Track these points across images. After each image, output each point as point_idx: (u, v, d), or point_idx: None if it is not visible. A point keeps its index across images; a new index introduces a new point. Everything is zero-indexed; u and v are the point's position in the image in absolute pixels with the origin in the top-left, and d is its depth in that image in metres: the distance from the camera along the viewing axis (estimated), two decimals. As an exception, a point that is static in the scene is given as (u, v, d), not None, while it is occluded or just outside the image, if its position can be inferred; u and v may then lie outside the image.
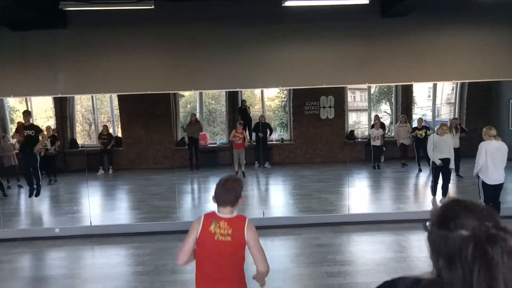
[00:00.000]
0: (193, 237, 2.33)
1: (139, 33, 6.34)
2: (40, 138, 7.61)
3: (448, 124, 9.89)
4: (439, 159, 6.83)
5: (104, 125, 11.50)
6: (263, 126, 10.94)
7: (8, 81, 6.33)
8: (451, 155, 6.86)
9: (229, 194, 2.32)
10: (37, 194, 7.81)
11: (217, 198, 2.35)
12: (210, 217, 2.34)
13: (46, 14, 5.91)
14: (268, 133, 11.40)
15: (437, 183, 6.93)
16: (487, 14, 6.35)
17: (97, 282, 4.65)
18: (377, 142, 10.87)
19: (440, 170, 6.87)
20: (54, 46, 6.26)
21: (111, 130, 11.78)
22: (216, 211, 2.36)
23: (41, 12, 5.83)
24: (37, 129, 7.72)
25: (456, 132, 9.17)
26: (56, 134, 10.82)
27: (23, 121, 7.71)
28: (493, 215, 1.02)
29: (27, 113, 7.80)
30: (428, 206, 7.02)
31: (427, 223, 1.10)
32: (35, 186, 7.77)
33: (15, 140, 7.94)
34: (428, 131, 10.39)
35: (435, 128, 12.11)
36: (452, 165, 6.92)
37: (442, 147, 6.85)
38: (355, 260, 5.09)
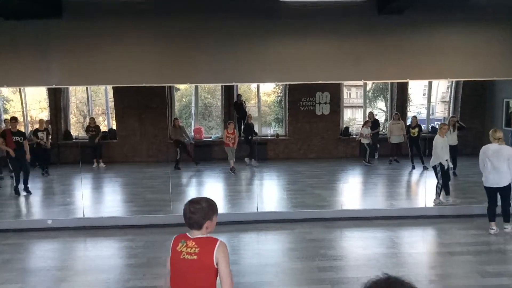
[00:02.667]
0: (169, 259, 2.29)
1: (135, 25, 6.29)
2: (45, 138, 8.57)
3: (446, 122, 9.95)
4: (446, 160, 6.85)
5: (91, 118, 11.42)
6: (252, 126, 10.97)
7: (1, 71, 6.26)
8: (448, 155, 6.90)
9: (194, 217, 2.21)
10: (28, 191, 8.14)
11: (186, 224, 2.26)
12: (180, 237, 2.29)
13: (40, 3, 5.84)
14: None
15: (448, 181, 6.98)
16: (482, 13, 6.37)
17: (90, 274, 4.66)
18: (364, 140, 10.97)
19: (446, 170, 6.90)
20: (48, 36, 6.19)
21: (105, 122, 11.71)
22: (187, 233, 2.30)
23: (35, 1, 5.76)
24: (24, 135, 8.24)
25: (454, 130, 9.22)
26: (49, 126, 10.73)
27: (10, 127, 8.08)
28: None
29: (14, 120, 8.14)
30: (421, 203, 7.07)
31: None
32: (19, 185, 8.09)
33: (3, 147, 8.13)
34: (421, 130, 10.46)
35: (429, 127, 12.21)
36: (451, 164, 6.95)
37: (445, 147, 6.89)
38: (347, 255, 5.13)
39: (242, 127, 11.54)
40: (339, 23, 6.38)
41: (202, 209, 2.22)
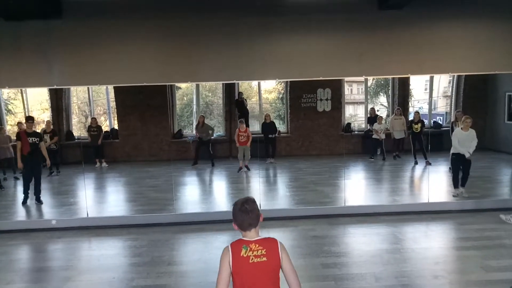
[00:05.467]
0: (226, 269, 2.21)
1: (135, 24, 6.29)
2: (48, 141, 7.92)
3: (453, 118, 9.90)
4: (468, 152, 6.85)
5: (92, 118, 11.45)
6: (270, 125, 10.98)
7: (2, 72, 6.27)
8: (472, 148, 6.89)
9: (250, 216, 2.26)
10: (39, 200, 7.50)
11: (239, 224, 2.27)
12: (238, 243, 2.26)
13: (40, 3, 5.84)
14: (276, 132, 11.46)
15: (458, 175, 7.01)
16: (484, 7, 6.34)
17: (94, 273, 4.67)
18: (377, 136, 10.90)
19: (461, 163, 6.90)
20: (49, 36, 6.19)
21: (107, 122, 11.74)
22: (242, 237, 2.30)
23: (35, 1, 5.76)
24: (41, 136, 7.63)
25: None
26: (51, 127, 10.77)
27: (25, 128, 7.40)
28: None
29: (30, 119, 7.45)
30: (424, 198, 7.06)
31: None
32: (29, 193, 7.46)
33: (18, 147, 7.36)
34: (424, 125, 10.43)
35: (431, 122, 12.17)
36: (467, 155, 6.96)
37: (466, 141, 6.87)
38: (350, 252, 5.13)
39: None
40: (340, 19, 6.36)
41: (255, 203, 2.33)
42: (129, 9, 6.18)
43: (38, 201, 7.48)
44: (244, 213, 2.25)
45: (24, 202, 7.45)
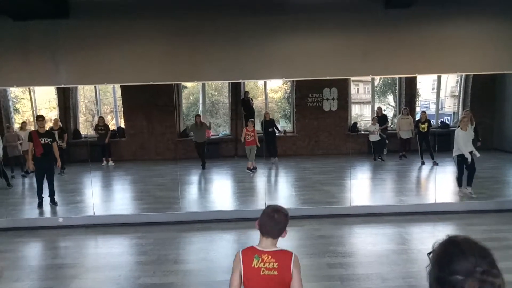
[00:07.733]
0: (237, 275, 2.19)
1: (142, 23, 6.32)
2: (60, 141, 7.29)
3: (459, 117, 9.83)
4: (469, 152, 6.84)
5: (100, 117, 11.49)
6: (269, 123, 10.96)
7: (11, 71, 6.33)
8: (472, 147, 6.93)
9: (276, 226, 2.20)
10: (54, 202, 7.31)
11: (261, 225, 2.22)
12: (250, 252, 2.20)
13: (47, 3, 5.89)
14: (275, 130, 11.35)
15: (462, 175, 6.99)
16: (491, 5, 6.28)
17: (100, 271, 4.70)
18: (373, 137, 10.91)
19: (465, 163, 6.88)
20: (56, 36, 6.25)
21: (114, 121, 11.79)
22: (256, 245, 2.24)
23: (43, 1, 5.81)
24: (54, 136, 7.32)
25: (471, 124, 9.12)
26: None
27: (38, 127, 7.06)
28: (486, 257, 1.15)
29: (42, 118, 7.18)
30: (431, 199, 7.02)
31: (430, 255, 1.22)
32: (43, 196, 7.23)
33: (29, 148, 7.12)
34: (431, 125, 10.36)
35: (439, 122, 12.08)
36: (477, 153, 6.96)
37: (468, 140, 6.86)
38: (356, 252, 5.11)
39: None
40: (346, 18, 6.34)
41: (286, 218, 2.23)
42: (136, 9, 6.22)
43: (53, 202, 7.29)
44: (270, 220, 2.20)
45: (39, 206, 7.20)
